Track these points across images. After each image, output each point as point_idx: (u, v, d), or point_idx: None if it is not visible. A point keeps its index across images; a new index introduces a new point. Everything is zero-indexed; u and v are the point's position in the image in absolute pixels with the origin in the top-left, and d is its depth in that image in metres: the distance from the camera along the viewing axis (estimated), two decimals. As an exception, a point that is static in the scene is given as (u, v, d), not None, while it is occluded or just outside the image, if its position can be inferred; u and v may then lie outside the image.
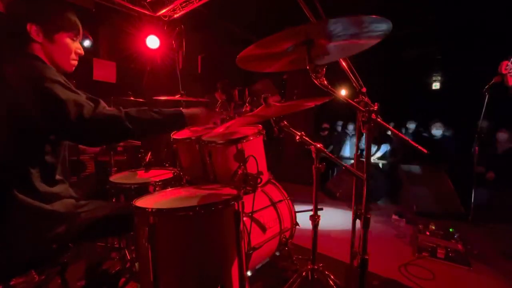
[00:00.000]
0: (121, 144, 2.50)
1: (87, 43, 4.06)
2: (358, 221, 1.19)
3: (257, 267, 1.79)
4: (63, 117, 1.01)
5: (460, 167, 3.70)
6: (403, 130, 5.25)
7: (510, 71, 2.41)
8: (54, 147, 1.15)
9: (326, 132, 6.33)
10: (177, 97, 2.77)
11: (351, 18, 0.84)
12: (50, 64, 1.12)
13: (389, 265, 2.26)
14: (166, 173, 2.00)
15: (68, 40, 1.16)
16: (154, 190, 1.68)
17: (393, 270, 2.19)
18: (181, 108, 1.28)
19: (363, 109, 1.09)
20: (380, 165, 5.10)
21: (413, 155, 4.31)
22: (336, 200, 4.28)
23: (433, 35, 5.52)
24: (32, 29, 1.08)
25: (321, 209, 1.58)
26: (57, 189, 1.17)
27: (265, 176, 1.81)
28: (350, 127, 6.01)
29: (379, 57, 5.08)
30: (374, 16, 0.81)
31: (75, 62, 1.23)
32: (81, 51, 1.22)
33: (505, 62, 2.42)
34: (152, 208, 1.11)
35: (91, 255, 1.55)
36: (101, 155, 2.98)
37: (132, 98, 3.42)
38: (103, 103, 1.11)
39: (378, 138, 5.15)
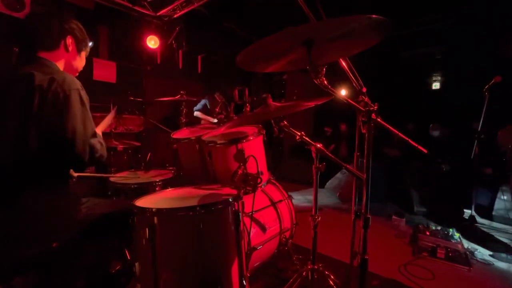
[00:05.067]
0: (121, 144, 2.51)
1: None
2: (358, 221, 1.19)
3: (257, 267, 1.79)
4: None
5: (460, 167, 3.71)
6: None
7: None
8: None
9: (329, 133, 6.32)
10: (177, 97, 2.78)
11: (350, 18, 0.84)
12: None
13: (389, 265, 2.26)
14: (166, 173, 2.01)
15: (84, 58, 1.42)
16: (154, 190, 1.68)
17: (393, 270, 2.19)
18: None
19: (363, 109, 1.09)
20: None
21: (412, 155, 4.31)
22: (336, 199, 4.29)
23: (433, 35, 5.52)
24: (68, 41, 1.30)
25: (321, 209, 1.57)
26: (60, 187, 1.20)
27: (265, 176, 1.81)
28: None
29: (379, 57, 5.08)
30: (373, 16, 0.81)
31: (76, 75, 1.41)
32: (81, 69, 1.44)
33: None
34: (152, 208, 1.11)
35: (91, 255, 1.55)
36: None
37: (131, 98, 3.42)
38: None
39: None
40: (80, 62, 1.40)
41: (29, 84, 1.10)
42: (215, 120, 3.81)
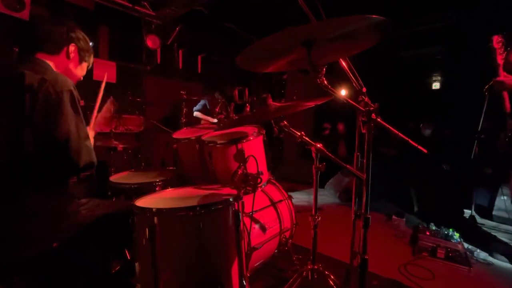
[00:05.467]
0: (121, 144, 2.51)
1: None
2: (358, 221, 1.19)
3: (257, 267, 1.79)
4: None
5: (460, 167, 3.71)
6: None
7: (501, 46, 2.41)
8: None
9: (328, 131, 6.31)
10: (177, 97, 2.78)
11: (350, 18, 0.84)
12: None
13: (389, 265, 2.26)
14: (166, 173, 2.00)
15: (85, 68, 1.43)
16: (154, 190, 1.68)
17: (393, 270, 2.19)
18: None
19: (363, 109, 1.09)
20: None
21: (412, 155, 4.31)
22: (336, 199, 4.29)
23: (433, 35, 5.51)
24: (71, 49, 1.30)
25: (321, 208, 1.58)
26: (59, 187, 1.19)
27: (265, 176, 1.81)
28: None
29: (379, 57, 5.08)
30: (373, 16, 0.81)
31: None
32: (81, 79, 1.44)
33: (496, 36, 2.41)
34: (152, 208, 1.11)
35: (91, 255, 1.55)
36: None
37: (131, 98, 3.42)
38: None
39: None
40: (80, 71, 1.40)
41: (19, 84, 1.08)
42: (215, 120, 3.81)
